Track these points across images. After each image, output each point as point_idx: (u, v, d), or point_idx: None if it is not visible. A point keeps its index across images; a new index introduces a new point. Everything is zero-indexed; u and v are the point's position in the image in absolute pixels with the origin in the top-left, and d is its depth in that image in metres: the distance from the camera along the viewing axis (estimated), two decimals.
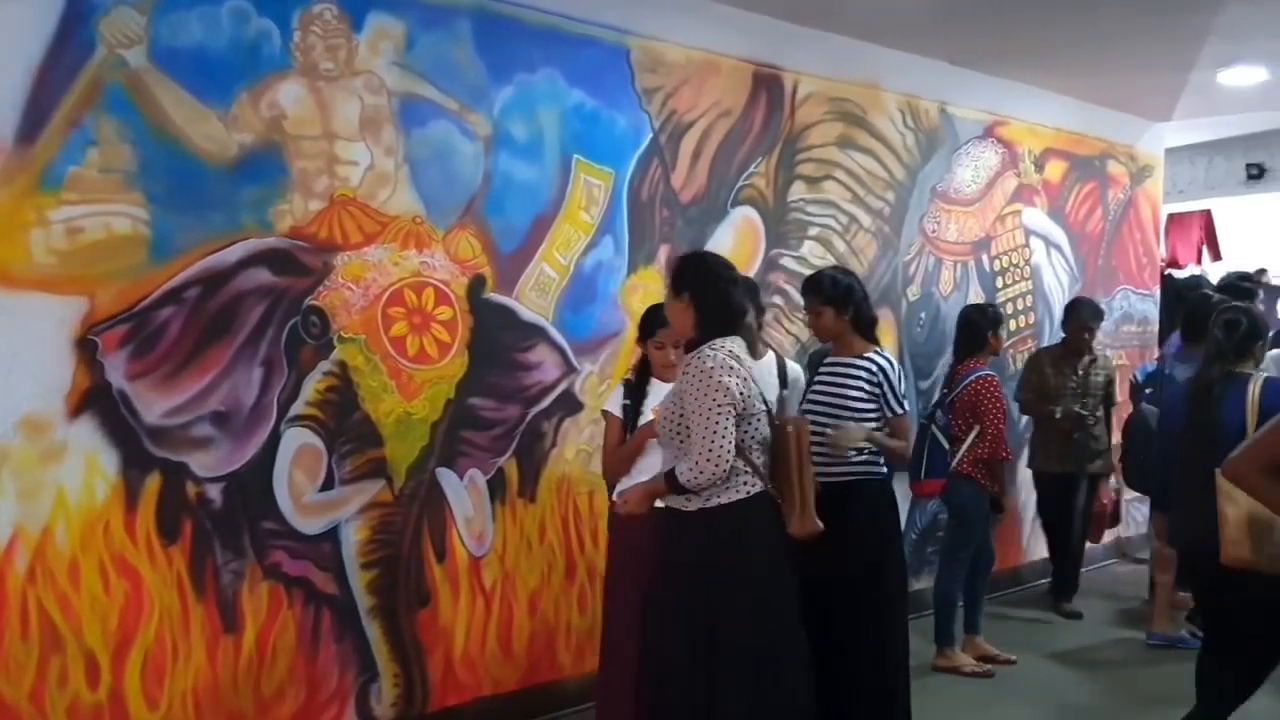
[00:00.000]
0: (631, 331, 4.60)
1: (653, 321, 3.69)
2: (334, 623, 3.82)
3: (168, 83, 3.37)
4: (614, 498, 3.68)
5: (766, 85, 5.15)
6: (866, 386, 3.90)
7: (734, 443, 3.07)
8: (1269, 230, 9.95)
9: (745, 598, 3.13)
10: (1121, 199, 7.42)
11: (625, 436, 3.67)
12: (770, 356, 3.77)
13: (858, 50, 5.51)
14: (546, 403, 4.38)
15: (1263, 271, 8.79)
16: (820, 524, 3.28)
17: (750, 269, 4.95)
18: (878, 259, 5.76)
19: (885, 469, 4.00)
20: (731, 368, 3.10)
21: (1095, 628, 5.83)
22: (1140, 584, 6.37)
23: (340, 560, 3.83)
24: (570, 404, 4.46)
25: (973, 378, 5.02)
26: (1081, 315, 5.99)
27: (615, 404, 3.74)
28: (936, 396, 5.45)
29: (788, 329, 5.29)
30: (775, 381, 3.68)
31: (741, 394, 3.08)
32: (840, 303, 3.94)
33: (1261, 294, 7.09)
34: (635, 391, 3.73)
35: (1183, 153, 8.78)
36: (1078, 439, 5.86)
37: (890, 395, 3.93)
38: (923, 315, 6.04)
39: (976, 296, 6.25)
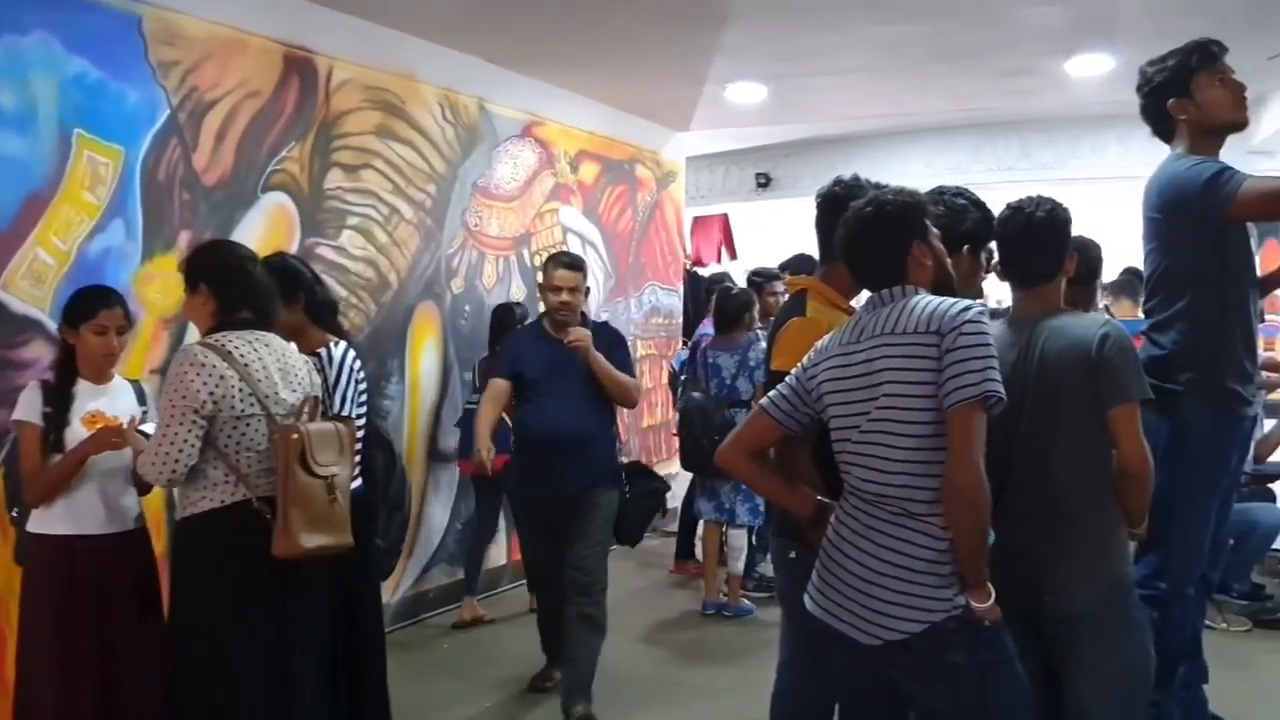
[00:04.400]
0: (148, 324, 4.26)
1: (89, 302, 3.24)
2: None
3: None
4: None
5: (299, 68, 4.96)
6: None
7: (193, 447, 2.83)
8: (777, 232, 11.12)
9: (205, 618, 2.89)
10: (649, 201, 7.98)
11: (45, 451, 3.16)
12: (293, 349, 3.51)
13: (395, 40, 5.45)
14: None
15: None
16: (305, 544, 2.88)
17: None
18: (420, 251, 5.75)
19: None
20: (206, 366, 2.85)
21: (648, 597, 6.24)
22: (669, 555, 6.88)
23: None
24: None
25: None
26: None
27: (31, 410, 3.18)
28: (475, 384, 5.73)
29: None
30: (313, 379, 3.23)
31: (213, 395, 2.83)
32: (286, 293, 3.33)
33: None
34: (57, 396, 3.20)
35: (703, 161, 9.59)
36: None
37: (330, 393, 3.33)
38: (467, 308, 6.11)
39: (519, 291, 6.44)
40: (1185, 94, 3.17)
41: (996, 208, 2.95)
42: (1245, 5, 4.97)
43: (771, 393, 2.61)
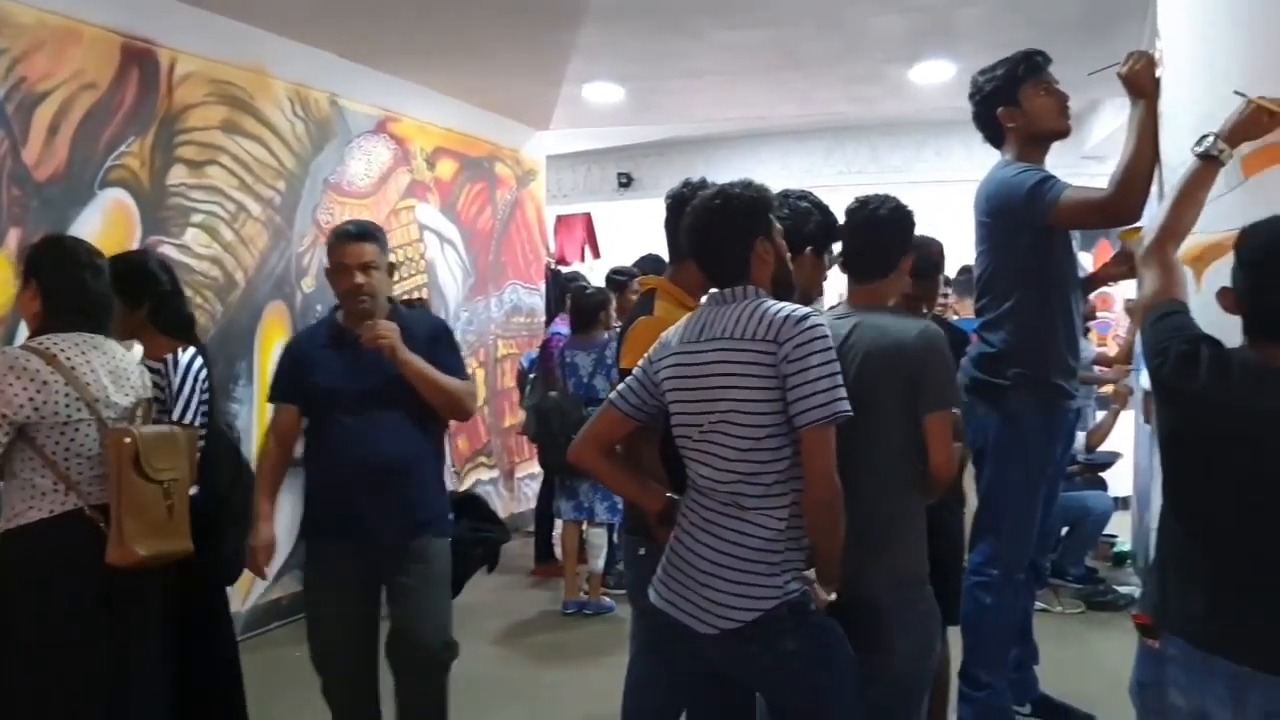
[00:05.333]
0: None
1: None
2: None
3: None
4: None
5: (138, 60, 4.78)
6: (157, 393, 3.17)
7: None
8: (638, 232, 11.20)
9: (32, 640, 2.73)
10: (509, 199, 7.95)
11: None
12: (137, 351, 3.39)
13: (242, 33, 5.31)
14: None
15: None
16: (141, 552, 2.76)
17: None
18: (270, 249, 5.61)
19: None
20: (27, 370, 2.71)
21: (507, 599, 6.19)
22: (528, 556, 6.87)
23: None
24: None
25: None
26: None
27: None
28: None
29: None
30: (145, 381, 3.08)
31: (33, 401, 2.70)
32: (131, 294, 3.14)
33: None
34: None
35: (565, 160, 9.62)
36: None
37: (174, 399, 3.15)
38: (319, 308, 5.97)
39: None
40: (1013, 102, 3.34)
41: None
42: (1073, 20, 5.24)
43: (620, 386, 2.65)
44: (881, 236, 2.89)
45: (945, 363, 2.74)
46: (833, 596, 2.35)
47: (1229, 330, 2.14)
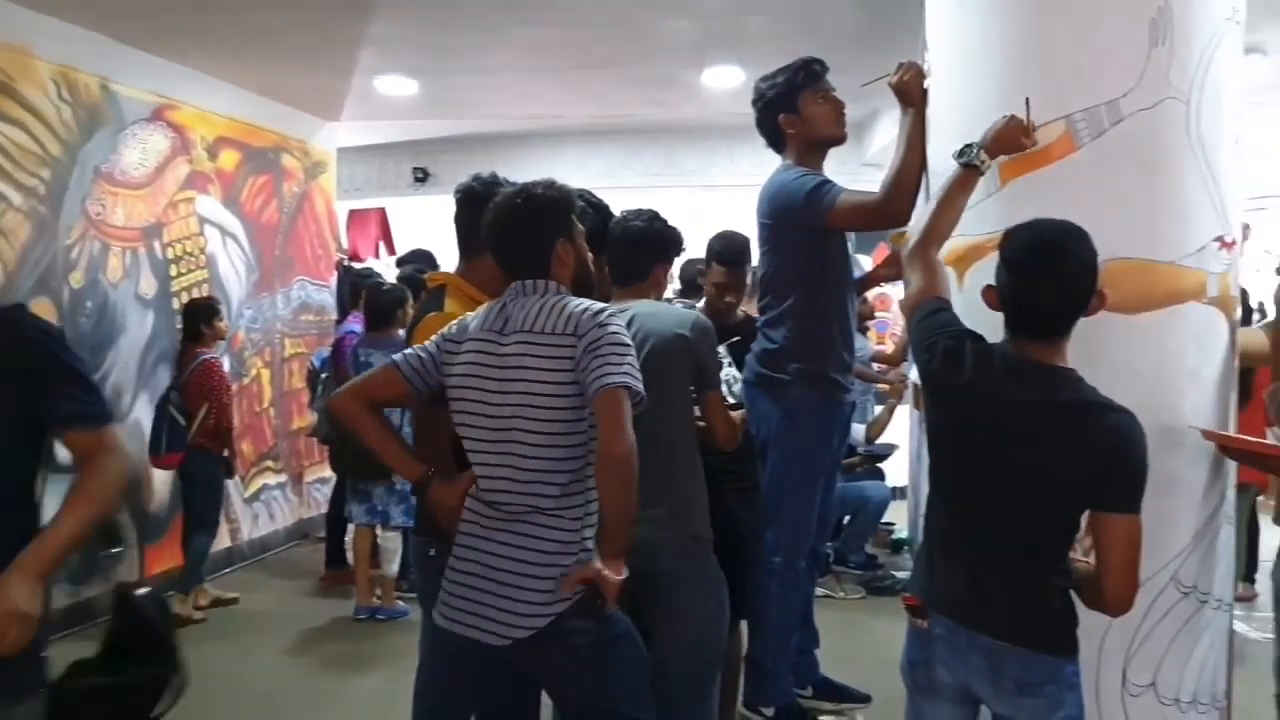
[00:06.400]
0: None
1: None
2: None
3: None
4: None
5: None
6: None
7: None
8: (435, 228, 11.03)
9: None
10: (297, 192, 7.68)
11: None
12: None
13: (2, 11, 4.94)
14: None
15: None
16: None
17: None
18: (33, 242, 5.23)
19: None
20: None
21: (297, 606, 6.03)
22: (318, 562, 6.67)
23: None
24: None
25: (199, 362, 5.73)
26: None
27: None
28: (169, 380, 5.88)
29: None
30: None
31: None
32: None
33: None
34: None
35: (358, 153, 9.37)
36: None
37: None
38: (89, 304, 5.63)
39: (149, 285, 6.02)
40: (793, 109, 3.47)
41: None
42: (853, 32, 5.48)
43: (407, 350, 2.60)
44: (638, 247, 3.10)
45: (715, 347, 3.04)
46: (624, 575, 2.33)
47: (990, 326, 2.30)
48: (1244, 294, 3.86)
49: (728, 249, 3.96)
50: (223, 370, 5.96)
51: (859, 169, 7.71)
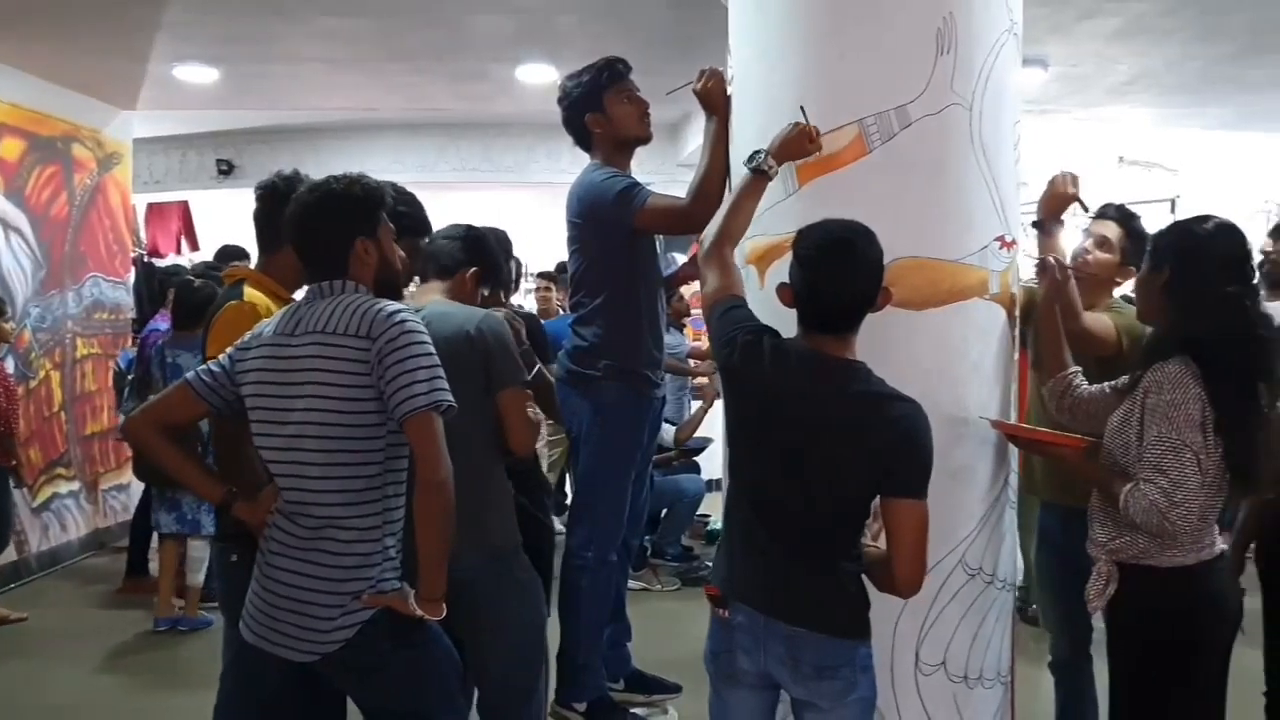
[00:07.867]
0: None
1: None
2: None
3: None
4: None
5: None
6: None
7: None
8: (241, 222, 10.62)
9: None
10: (89, 184, 7.25)
11: None
12: None
13: None
14: None
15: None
16: None
17: None
18: None
19: None
20: None
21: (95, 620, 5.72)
22: (116, 572, 6.34)
23: None
24: None
25: None
26: None
27: None
28: None
29: None
30: None
31: None
32: None
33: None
34: None
35: (158, 144, 8.94)
36: None
37: None
38: None
39: None
40: (598, 109, 3.50)
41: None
42: (665, 33, 5.56)
43: (200, 367, 2.52)
44: (452, 243, 3.18)
45: (509, 344, 2.96)
46: (443, 615, 2.32)
47: (786, 322, 2.37)
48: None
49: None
50: (5, 373, 5.62)
51: (674, 170, 7.82)
